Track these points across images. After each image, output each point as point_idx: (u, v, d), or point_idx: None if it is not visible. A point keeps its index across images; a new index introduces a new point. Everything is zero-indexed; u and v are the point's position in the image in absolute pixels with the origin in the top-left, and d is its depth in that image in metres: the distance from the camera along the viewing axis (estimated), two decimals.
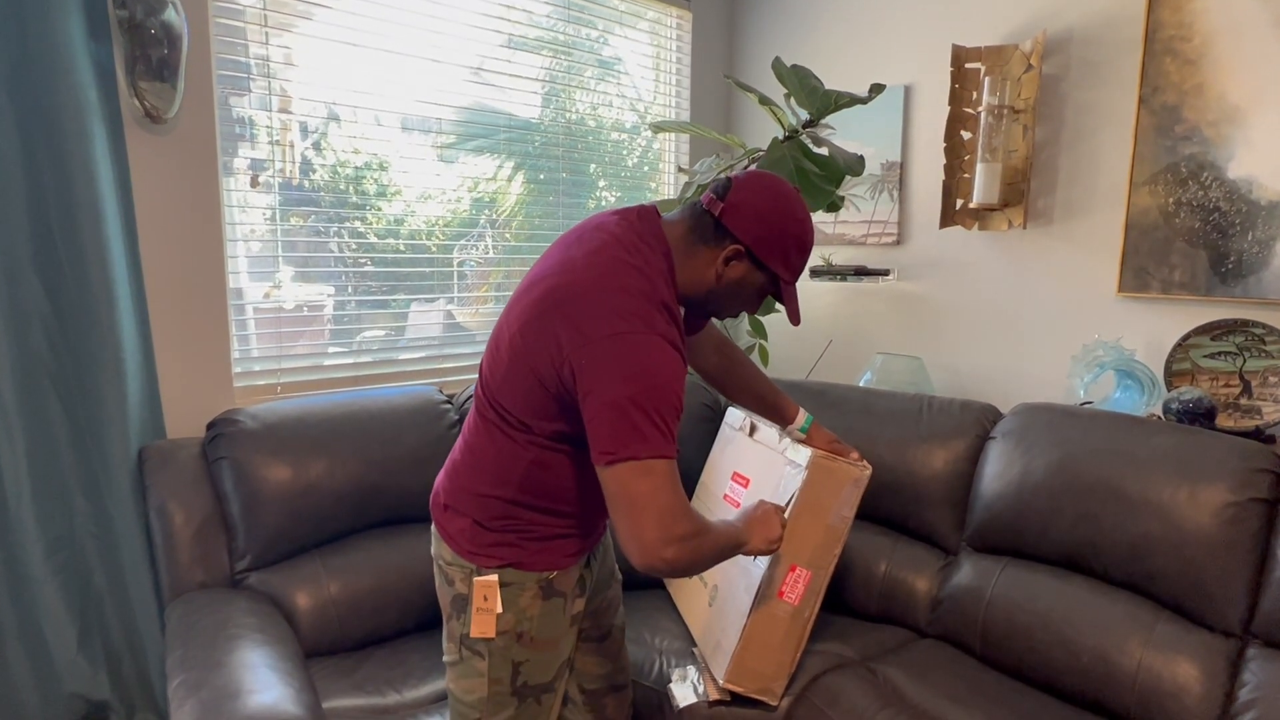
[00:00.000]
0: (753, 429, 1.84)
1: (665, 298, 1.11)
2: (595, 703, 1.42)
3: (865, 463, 1.56)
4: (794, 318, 1.21)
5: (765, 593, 1.55)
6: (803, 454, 1.55)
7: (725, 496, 1.86)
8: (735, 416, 1.99)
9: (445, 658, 1.26)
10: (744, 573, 1.62)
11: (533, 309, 1.10)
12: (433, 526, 1.28)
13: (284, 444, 1.72)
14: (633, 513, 1.04)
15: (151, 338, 1.74)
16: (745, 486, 1.78)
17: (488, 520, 1.19)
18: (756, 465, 1.75)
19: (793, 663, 1.59)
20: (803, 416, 1.59)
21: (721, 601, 1.68)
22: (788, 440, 1.63)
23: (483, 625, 1.19)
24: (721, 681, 1.57)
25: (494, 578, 1.17)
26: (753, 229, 1.14)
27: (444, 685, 1.59)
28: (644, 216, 1.17)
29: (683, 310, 1.23)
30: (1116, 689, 1.52)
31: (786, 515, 1.45)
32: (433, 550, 1.28)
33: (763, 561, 1.57)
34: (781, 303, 1.21)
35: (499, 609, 1.18)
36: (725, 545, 1.17)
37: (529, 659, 1.21)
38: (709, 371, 1.54)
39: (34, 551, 1.58)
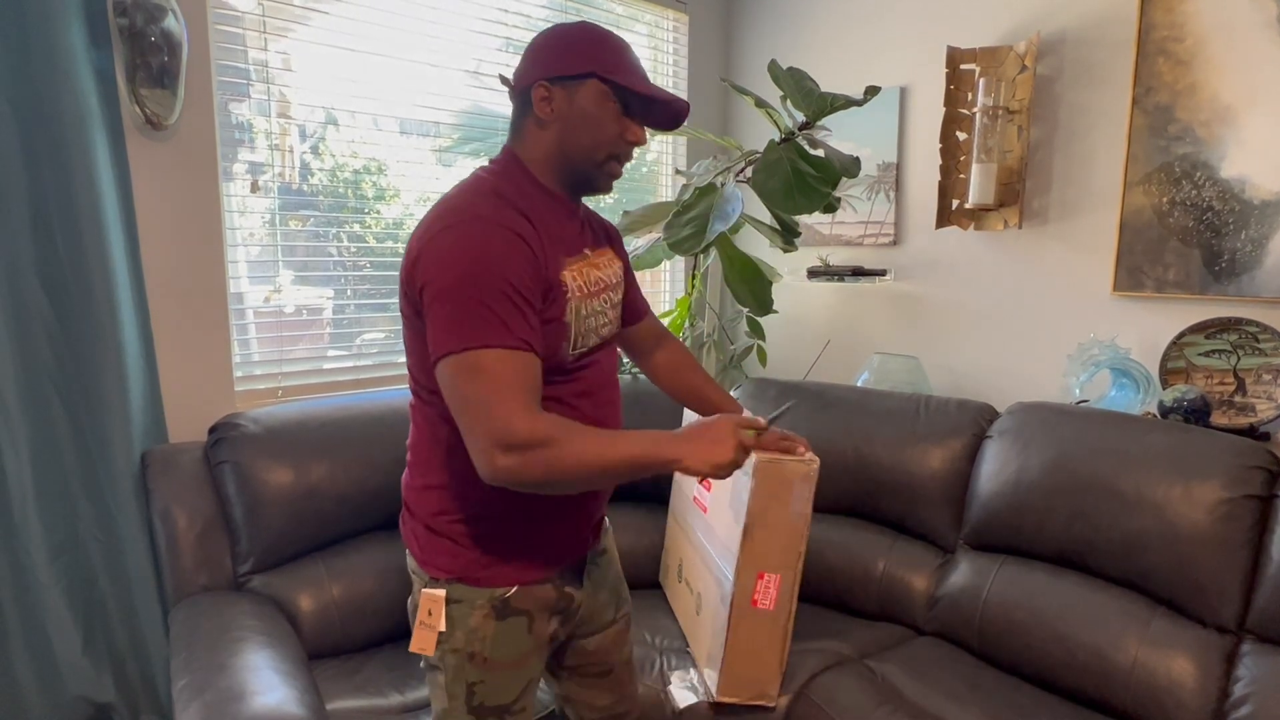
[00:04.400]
0: None
1: (512, 198, 1.04)
2: None
3: (812, 455, 1.50)
4: (661, 99, 1.09)
5: (740, 603, 1.55)
6: (749, 460, 1.52)
7: (694, 499, 1.86)
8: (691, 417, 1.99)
9: (421, 663, 1.19)
10: (718, 583, 1.63)
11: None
12: None
13: (286, 448, 1.73)
14: (465, 415, 0.94)
15: (153, 342, 1.75)
16: (709, 490, 1.77)
17: (429, 517, 1.11)
18: None
19: (781, 663, 1.60)
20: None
21: (705, 611, 1.69)
22: None
23: (422, 641, 1.10)
24: (716, 696, 1.58)
25: (441, 593, 1.09)
26: (539, 62, 1.07)
27: None
28: (493, 159, 1.14)
29: (583, 185, 1.14)
30: (1112, 685, 1.54)
31: (760, 434, 1.10)
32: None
33: (731, 571, 1.56)
34: (640, 118, 1.10)
35: (442, 626, 1.09)
36: (616, 460, 0.96)
37: (483, 680, 1.12)
38: (650, 371, 1.46)
39: (38, 556, 1.59)
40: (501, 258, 0.97)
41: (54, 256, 1.57)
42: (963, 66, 2.25)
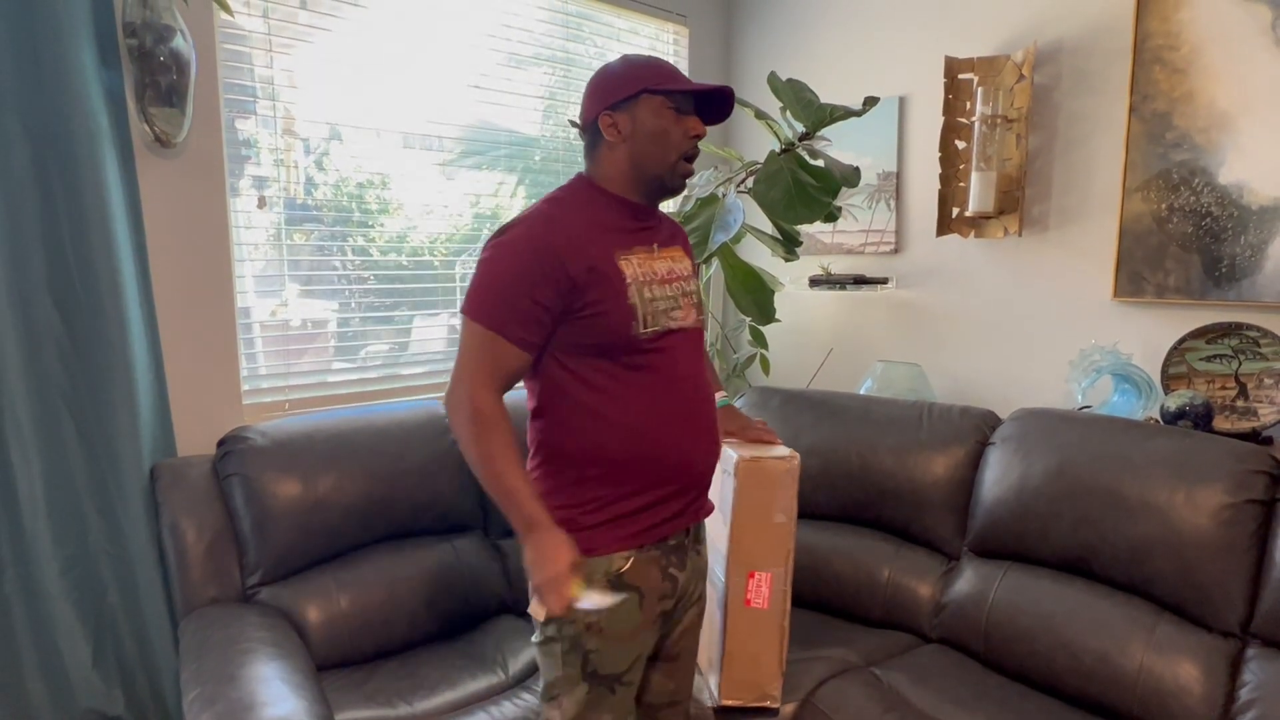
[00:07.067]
0: None
1: (564, 203, 1.23)
2: (651, 715, 1.40)
3: (790, 450, 1.52)
4: (707, 89, 1.25)
5: (734, 604, 1.55)
6: (730, 459, 1.53)
7: None
8: None
9: (534, 637, 1.28)
10: (714, 588, 1.63)
11: None
12: None
13: (293, 460, 1.75)
14: (459, 359, 1.18)
15: (162, 357, 1.77)
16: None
17: (543, 496, 1.21)
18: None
19: (781, 663, 1.60)
20: (715, 400, 1.53)
21: (707, 618, 1.70)
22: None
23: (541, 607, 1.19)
24: (719, 700, 1.59)
25: None
26: (596, 98, 1.24)
27: (454, 696, 1.63)
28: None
29: (659, 190, 1.29)
30: (1118, 690, 1.54)
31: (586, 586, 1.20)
32: None
33: (723, 574, 1.56)
34: (691, 112, 1.26)
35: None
36: (503, 488, 1.16)
37: (598, 649, 1.21)
38: None
39: (49, 569, 1.61)
40: (516, 260, 1.16)
41: (65, 273, 1.59)
42: (961, 76, 2.27)
